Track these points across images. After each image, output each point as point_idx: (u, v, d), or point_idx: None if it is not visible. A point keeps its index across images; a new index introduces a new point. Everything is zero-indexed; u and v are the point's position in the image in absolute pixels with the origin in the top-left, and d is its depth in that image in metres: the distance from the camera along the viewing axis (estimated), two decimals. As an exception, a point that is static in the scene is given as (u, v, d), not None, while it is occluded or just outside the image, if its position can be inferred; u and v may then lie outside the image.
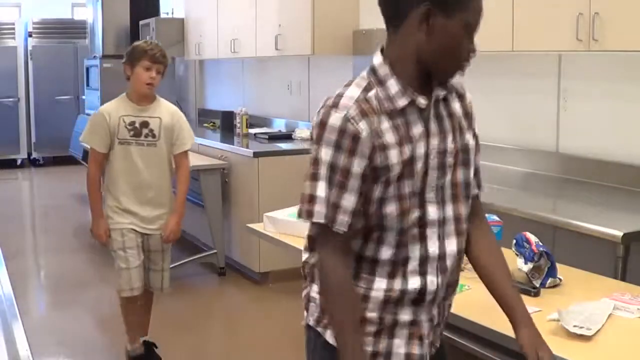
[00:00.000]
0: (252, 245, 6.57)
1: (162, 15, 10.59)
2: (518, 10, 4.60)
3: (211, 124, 9.09)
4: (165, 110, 4.82)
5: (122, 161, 4.65)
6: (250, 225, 4.23)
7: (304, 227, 3.78)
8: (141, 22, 10.23)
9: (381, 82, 2.16)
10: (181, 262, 6.96)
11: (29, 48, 13.46)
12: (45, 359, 5.27)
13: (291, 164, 6.77)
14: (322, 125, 2.13)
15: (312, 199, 2.13)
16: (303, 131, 7.65)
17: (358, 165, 2.10)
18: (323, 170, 2.11)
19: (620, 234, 3.56)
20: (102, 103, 10.51)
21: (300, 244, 3.81)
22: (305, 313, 2.39)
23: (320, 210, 2.13)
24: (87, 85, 11.16)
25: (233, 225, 7.03)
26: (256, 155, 6.73)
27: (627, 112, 4.61)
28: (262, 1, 7.75)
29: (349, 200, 2.12)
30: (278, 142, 7.54)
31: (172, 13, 10.74)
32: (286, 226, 3.90)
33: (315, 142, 2.14)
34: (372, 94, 2.14)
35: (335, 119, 2.11)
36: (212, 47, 9.02)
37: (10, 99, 13.49)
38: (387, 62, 2.18)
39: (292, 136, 7.71)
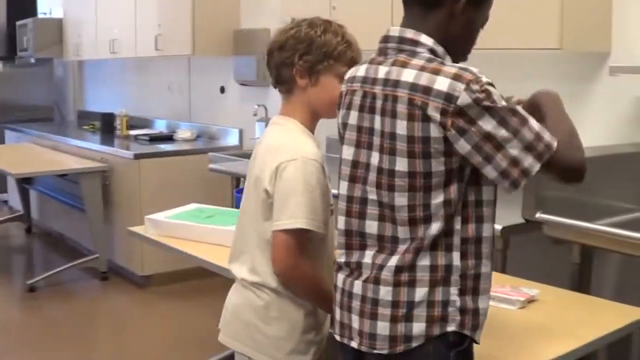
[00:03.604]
0: (135, 249, 6.49)
1: (40, 16, 10.36)
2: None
3: (91, 126, 8.93)
4: None
5: (322, 242, 2.63)
6: (132, 229, 4.17)
7: (185, 229, 3.78)
8: (18, 23, 9.99)
9: (443, 59, 2.15)
10: (62, 267, 6.85)
11: None
12: None
13: (173, 165, 6.73)
14: (487, 92, 2.01)
15: (530, 146, 2.03)
16: (184, 132, 7.62)
17: None
18: (514, 121, 2.01)
19: (499, 227, 3.63)
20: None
21: (181, 245, 3.81)
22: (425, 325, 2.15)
23: (549, 137, 2.06)
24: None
25: (115, 228, 6.92)
26: (137, 157, 6.65)
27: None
28: (142, 1, 7.65)
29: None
30: (159, 143, 7.45)
31: (50, 13, 10.52)
32: (168, 228, 3.87)
33: (494, 106, 2.01)
34: None
35: (486, 80, 2.03)
36: (91, 48, 8.86)
37: None
38: (435, 42, 2.17)
39: (173, 137, 7.64)
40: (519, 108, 2.05)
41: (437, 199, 2.09)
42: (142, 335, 5.75)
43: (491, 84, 2.04)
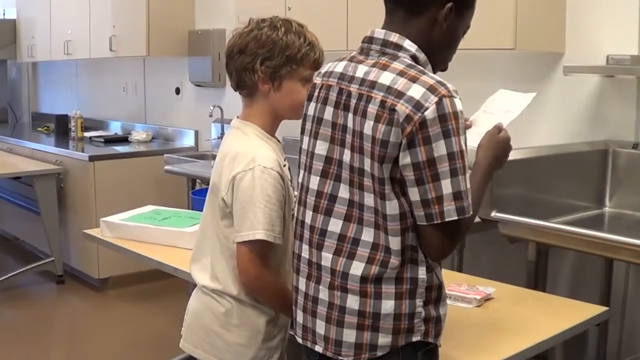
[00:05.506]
0: (91, 252, 6.44)
1: (-7, 17, 10.25)
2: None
3: (45, 128, 8.85)
4: None
5: (284, 249, 2.58)
6: (87, 231, 4.13)
7: (141, 231, 3.75)
8: (-30, 25, 9.87)
9: (424, 67, 2.13)
10: (17, 271, 6.78)
11: None
12: None
13: (128, 167, 6.70)
14: (455, 115, 2.00)
15: (459, 195, 2.01)
16: (139, 133, 7.57)
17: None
18: (460, 163, 2.00)
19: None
20: None
21: (138, 248, 3.78)
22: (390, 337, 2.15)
23: (470, 203, 2.04)
24: None
25: (70, 231, 6.86)
26: (92, 159, 6.60)
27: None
28: (96, 2, 7.58)
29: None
30: (114, 145, 7.41)
31: (4, 14, 10.40)
32: (123, 230, 3.84)
33: (454, 135, 1.99)
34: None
35: (459, 104, 2.01)
36: (45, 49, 8.77)
37: None
38: (418, 49, 2.16)
39: (129, 139, 7.60)
40: (461, 154, 2.01)
41: (393, 210, 2.07)
42: (99, 338, 5.70)
43: (461, 111, 2.02)
